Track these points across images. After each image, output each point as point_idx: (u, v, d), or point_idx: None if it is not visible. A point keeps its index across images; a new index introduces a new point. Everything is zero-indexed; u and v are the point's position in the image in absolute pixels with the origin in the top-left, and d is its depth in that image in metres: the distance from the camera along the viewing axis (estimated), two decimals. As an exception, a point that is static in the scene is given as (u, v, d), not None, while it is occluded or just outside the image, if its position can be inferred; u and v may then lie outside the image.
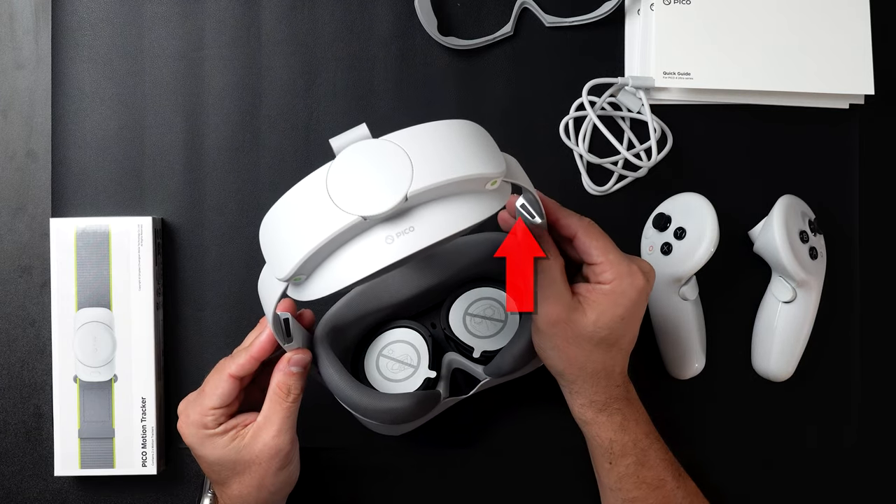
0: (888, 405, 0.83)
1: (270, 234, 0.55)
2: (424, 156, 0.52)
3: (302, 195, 0.53)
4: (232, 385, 0.65)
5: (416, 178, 0.51)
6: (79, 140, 0.79)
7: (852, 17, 0.79)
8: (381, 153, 0.52)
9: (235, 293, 0.79)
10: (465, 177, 0.52)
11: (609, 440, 0.69)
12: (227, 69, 0.79)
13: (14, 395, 0.79)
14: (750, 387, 0.81)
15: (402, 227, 0.52)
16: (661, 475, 0.70)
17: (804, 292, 0.78)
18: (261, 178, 0.79)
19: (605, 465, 0.70)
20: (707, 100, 0.80)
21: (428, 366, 0.71)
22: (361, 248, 0.52)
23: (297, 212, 0.53)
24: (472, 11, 0.81)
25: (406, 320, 0.73)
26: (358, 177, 0.52)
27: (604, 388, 0.68)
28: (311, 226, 0.52)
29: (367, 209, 0.51)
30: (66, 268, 0.76)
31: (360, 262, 0.52)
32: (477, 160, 0.53)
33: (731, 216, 0.79)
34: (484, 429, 0.80)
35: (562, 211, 0.65)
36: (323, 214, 0.52)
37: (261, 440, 0.65)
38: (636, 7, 0.80)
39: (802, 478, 0.82)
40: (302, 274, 0.54)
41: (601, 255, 0.64)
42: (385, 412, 0.66)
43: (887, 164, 0.83)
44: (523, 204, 0.64)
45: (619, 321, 0.64)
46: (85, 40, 0.79)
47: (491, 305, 0.73)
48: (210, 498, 0.73)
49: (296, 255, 0.52)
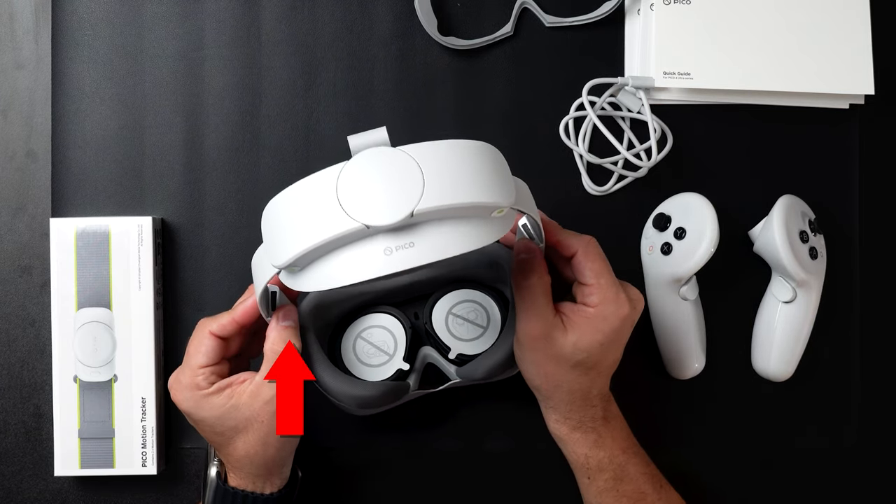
0: (888, 405, 0.83)
1: (273, 220, 0.56)
2: (438, 174, 0.52)
3: (311, 190, 0.54)
4: (215, 342, 0.65)
5: (426, 197, 0.51)
6: (79, 140, 0.79)
7: (852, 17, 0.79)
8: (396, 164, 0.53)
9: (235, 293, 0.79)
10: (474, 203, 0.52)
11: (584, 455, 0.70)
12: (227, 69, 0.79)
13: (14, 395, 0.79)
14: (750, 387, 0.81)
15: (403, 241, 0.52)
16: (642, 488, 0.71)
17: (804, 292, 0.78)
18: (261, 178, 0.79)
19: (584, 480, 0.71)
20: (707, 100, 0.80)
21: (403, 357, 0.71)
22: (359, 255, 0.53)
23: (302, 206, 0.54)
24: (472, 11, 0.81)
25: (390, 307, 0.73)
26: (369, 184, 0.52)
27: (579, 409, 0.68)
28: (314, 223, 0.52)
29: (372, 219, 0.51)
30: (66, 268, 0.76)
31: (356, 267, 0.53)
32: (488, 188, 0.53)
33: (731, 216, 0.79)
34: (484, 429, 0.80)
35: (563, 232, 0.66)
36: (328, 215, 0.52)
37: (261, 397, 0.64)
38: (636, 7, 0.80)
39: (802, 478, 0.82)
40: (297, 266, 0.55)
41: (594, 277, 0.65)
42: (352, 398, 0.67)
43: (887, 164, 0.83)
44: (525, 225, 0.66)
45: (598, 346, 0.65)
46: (85, 40, 0.79)
47: (475, 309, 0.73)
48: (217, 465, 0.69)
49: (294, 248, 0.53)
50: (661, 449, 0.76)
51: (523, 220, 0.66)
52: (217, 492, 0.68)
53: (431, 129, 0.80)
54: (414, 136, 0.78)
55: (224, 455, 0.67)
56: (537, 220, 0.61)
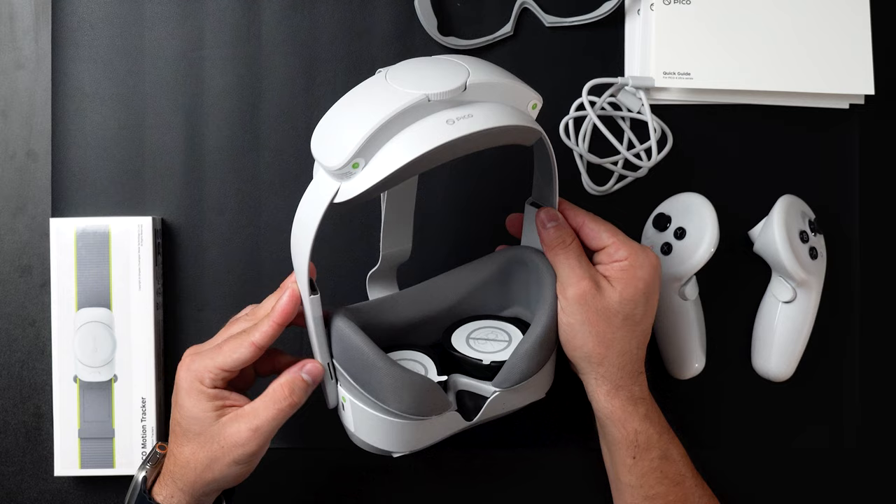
0: (888, 405, 0.83)
1: (327, 130, 0.59)
2: (479, 67, 0.60)
3: (362, 92, 0.59)
4: (253, 354, 0.64)
5: (474, 75, 0.59)
6: (79, 140, 0.79)
7: (852, 17, 0.79)
8: (439, 61, 0.61)
9: (235, 293, 0.79)
10: (514, 86, 0.61)
11: (634, 431, 0.68)
12: (227, 69, 0.79)
13: (14, 395, 0.79)
14: (750, 387, 0.81)
15: (462, 112, 0.58)
16: (682, 471, 0.70)
17: (804, 292, 0.78)
18: (261, 178, 0.79)
19: (628, 461, 0.69)
20: (707, 100, 0.80)
21: (437, 373, 0.68)
22: (424, 127, 0.57)
23: (358, 103, 0.58)
24: (472, 11, 0.81)
25: (407, 346, 0.70)
26: (419, 71, 0.59)
27: (629, 372, 0.68)
28: (375, 108, 0.57)
29: (431, 89, 0.57)
30: (66, 268, 0.76)
31: (424, 138, 0.57)
32: (522, 84, 0.62)
33: (731, 216, 0.79)
34: (484, 429, 0.80)
35: (566, 203, 0.70)
36: (388, 96, 0.57)
37: (235, 426, 0.63)
38: (636, 7, 0.80)
39: (802, 478, 0.82)
40: (361, 158, 0.57)
41: (611, 236, 0.68)
42: (408, 385, 0.63)
43: (887, 164, 0.83)
44: (533, 202, 0.71)
45: (642, 296, 0.67)
46: (85, 40, 0.79)
47: (493, 330, 0.71)
48: (147, 470, 0.67)
49: (359, 133, 0.56)
50: (661, 449, 0.76)
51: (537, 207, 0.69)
52: (138, 498, 0.66)
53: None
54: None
55: (170, 448, 0.66)
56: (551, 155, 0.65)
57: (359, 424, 0.66)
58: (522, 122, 0.60)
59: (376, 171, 0.57)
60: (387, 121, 0.56)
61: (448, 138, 0.56)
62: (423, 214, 0.77)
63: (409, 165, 0.56)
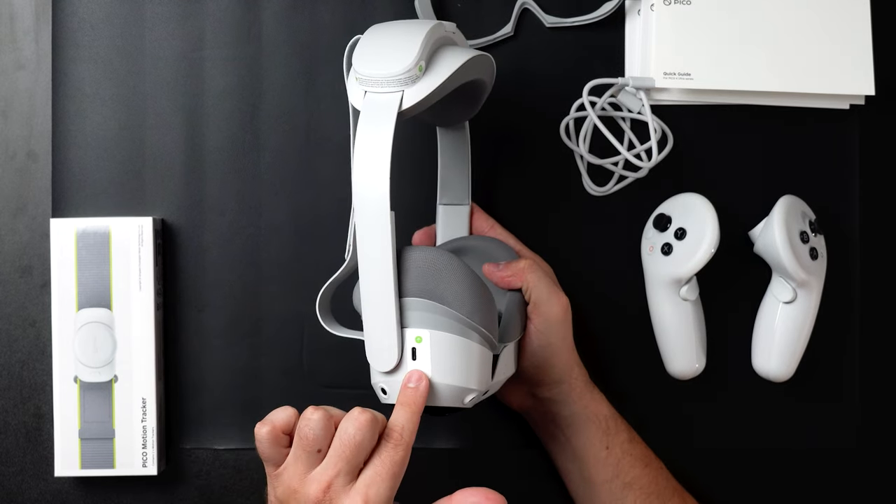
0: (888, 405, 0.83)
1: (374, 48, 0.60)
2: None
3: (385, 24, 0.63)
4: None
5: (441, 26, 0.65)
6: (79, 140, 0.79)
7: (852, 17, 0.79)
8: (394, 25, 0.64)
9: (235, 293, 0.79)
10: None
11: (605, 417, 0.72)
12: (227, 69, 0.79)
13: (14, 396, 0.79)
14: (750, 387, 0.81)
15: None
16: (645, 451, 0.74)
17: (804, 293, 0.78)
18: (261, 178, 0.79)
19: (602, 455, 0.72)
20: (707, 100, 0.80)
21: None
22: (458, 46, 0.64)
23: (393, 27, 0.62)
24: (472, 12, 0.81)
25: None
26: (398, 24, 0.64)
27: (580, 362, 0.74)
28: (419, 24, 0.61)
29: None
30: (66, 268, 0.76)
31: (465, 50, 0.63)
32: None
33: (731, 216, 0.79)
34: (484, 428, 0.80)
35: (476, 205, 0.77)
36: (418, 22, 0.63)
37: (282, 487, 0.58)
38: (636, 7, 0.80)
39: (802, 478, 0.82)
40: (423, 61, 0.59)
41: (516, 243, 0.75)
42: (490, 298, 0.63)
43: (887, 164, 0.83)
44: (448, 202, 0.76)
45: (554, 285, 0.72)
46: (85, 40, 0.79)
47: None
48: None
49: (419, 38, 0.59)
50: (661, 449, 0.76)
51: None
52: None
53: (432, 128, 0.80)
54: (414, 135, 0.78)
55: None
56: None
57: (438, 363, 0.62)
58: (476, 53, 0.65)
59: (439, 72, 0.60)
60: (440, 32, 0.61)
61: (475, 53, 0.63)
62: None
63: (460, 70, 0.60)
